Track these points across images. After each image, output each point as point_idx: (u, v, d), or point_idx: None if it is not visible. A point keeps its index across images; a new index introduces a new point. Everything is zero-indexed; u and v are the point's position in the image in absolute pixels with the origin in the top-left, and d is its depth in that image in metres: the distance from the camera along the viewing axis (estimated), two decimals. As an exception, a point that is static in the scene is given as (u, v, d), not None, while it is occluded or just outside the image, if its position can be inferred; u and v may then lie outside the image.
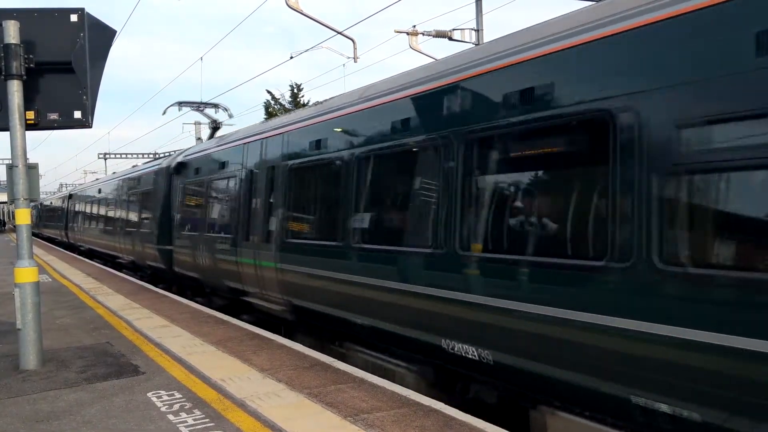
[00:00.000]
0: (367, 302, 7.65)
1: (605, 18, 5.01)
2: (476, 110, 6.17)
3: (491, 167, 6.06)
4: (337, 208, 8.34)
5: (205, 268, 13.23)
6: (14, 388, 6.97)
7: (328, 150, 8.81)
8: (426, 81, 6.97)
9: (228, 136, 13.94)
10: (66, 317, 11.58)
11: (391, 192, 7.75)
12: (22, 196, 7.63)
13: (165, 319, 10.91)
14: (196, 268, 13.84)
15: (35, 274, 7.75)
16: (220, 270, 12.35)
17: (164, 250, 15.91)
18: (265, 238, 10.41)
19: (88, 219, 28.57)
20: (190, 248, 14.12)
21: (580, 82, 5.10)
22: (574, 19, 5.39)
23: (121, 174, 24.06)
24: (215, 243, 12.57)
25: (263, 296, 10.69)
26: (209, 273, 13.04)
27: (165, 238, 15.91)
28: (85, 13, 7.79)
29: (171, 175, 15.99)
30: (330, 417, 5.64)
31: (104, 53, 8.09)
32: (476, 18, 18.50)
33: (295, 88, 44.76)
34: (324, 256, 8.56)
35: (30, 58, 7.50)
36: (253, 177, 11.23)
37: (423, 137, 6.85)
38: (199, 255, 13.43)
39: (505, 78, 5.85)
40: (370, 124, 7.87)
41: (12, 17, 7.42)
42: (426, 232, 6.66)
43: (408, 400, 6.05)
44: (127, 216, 20.65)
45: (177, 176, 15.62)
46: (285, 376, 7.00)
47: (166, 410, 5.98)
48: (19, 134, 7.50)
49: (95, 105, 8.03)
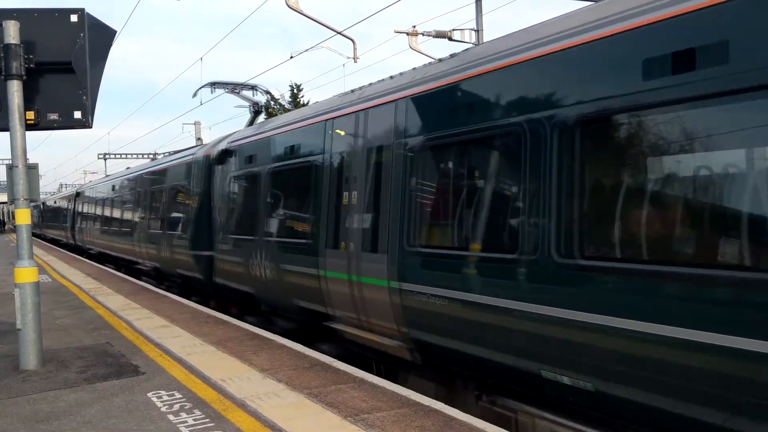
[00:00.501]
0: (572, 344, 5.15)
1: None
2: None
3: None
4: (524, 202, 5.64)
5: (262, 281, 10.67)
6: (14, 388, 6.97)
7: (498, 112, 6.03)
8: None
9: (285, 116, 11.47)
10: (66, 317, 11.57)
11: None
12: (22, 196, 7.63)
13: (165, 320, 10.91)
14: (248, 280, 11.27)
15: (35, 275, 7.74)
16: (289, 285, 9.78)
17: (201, 256, 13.35)
18: (371, 245, 7.74)
19: (100, 219, 25.68)
20: (239, 255, 11.50)
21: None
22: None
23: (140, 168, 21.09)
24: (281, 250, 10.02)
25: (363, 324, 8.14)
26: (270, 287, 10.49)
27: (202, 241, 13.26)
28: (85, 13, 7.80)
29: (212, 166, 13.27)
30: (330, 417, 5.64)
31: (104, 53, 8.09)
32: (476, 18, 18.50)
33: (295, 88, 44.82)
34: (488, 275, 5.99)
35: (30, 58, 7.50)
36: (345, 162, 8.50)
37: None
38: (254, 264, 10.84)
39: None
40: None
41: (12, 17, 7.42)
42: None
43: (408, 400, 6.05)
44: (149, 215, 17.87)
45: (220, 166, 12.84)
46: (285, 376, 7.00)
47: (166, 410, 5.98)
48: (19, 134, 7.50)
49: (95, 105, 8.03)
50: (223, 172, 12.75)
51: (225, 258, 12.25)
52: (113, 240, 22.73)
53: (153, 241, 17.12)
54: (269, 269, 10.34)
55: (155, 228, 16.98)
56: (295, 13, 14.75)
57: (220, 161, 12.87)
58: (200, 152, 14.37)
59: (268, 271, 10.40)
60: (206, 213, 13.33)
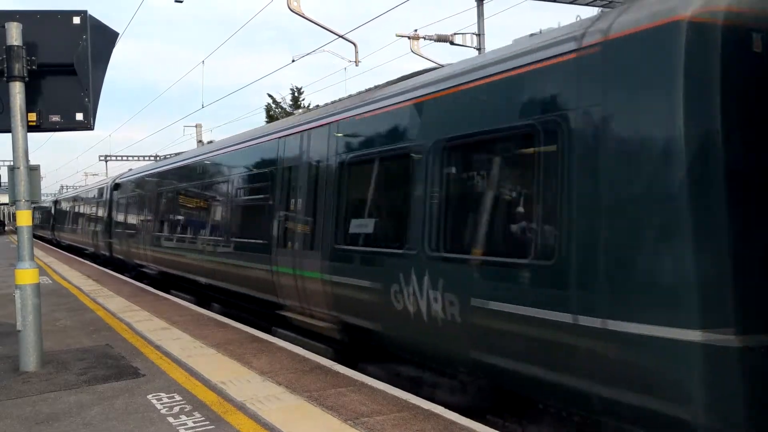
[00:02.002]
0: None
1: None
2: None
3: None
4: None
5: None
6: (14, 389, 6.97)
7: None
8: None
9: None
10: (66, 319, 11.57)
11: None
12: (23, 197, 7.64)
13: (165, 322, 10.90)
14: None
15: (36, 276, 7.75)
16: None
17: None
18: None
19: (163, 222, 16.73)
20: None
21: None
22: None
23: (259, 134, 11.84)
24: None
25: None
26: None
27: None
28: (88, 15, 7.81)
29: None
30: (330, 420, 5.63)
31: (106, 55, 8.11)
32: (477, 22, 18.54)
33: (296, 91, 44.85)
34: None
35: (32, 60, 7.52)
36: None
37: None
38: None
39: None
40: None
41: (15, 19, 7.44)
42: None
43: (408, 403, 6.05)
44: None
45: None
46: (285, 379, 6.99)
47: (166, 413, 5.97)
48: (20, 136, 7.51)
49: (97, 107, 8.05)
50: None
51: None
52: (197, 256, 13.75)
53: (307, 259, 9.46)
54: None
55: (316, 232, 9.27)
56: (296, 17, 14.77)
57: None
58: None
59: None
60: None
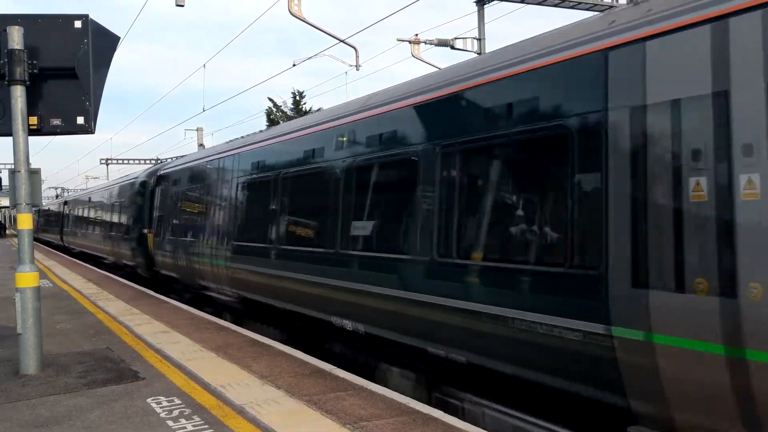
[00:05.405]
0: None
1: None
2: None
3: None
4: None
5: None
6: (14, 392, 6.98)
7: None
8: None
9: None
10: (66, 322, 11.58)
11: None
12: (24, 201, 7.65)
13: (165, 325, 10.90)
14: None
15: (36, 279, 7.76)
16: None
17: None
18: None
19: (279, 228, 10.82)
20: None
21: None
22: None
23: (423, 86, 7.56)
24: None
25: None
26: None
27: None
28: (89, 19, 7.84)
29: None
30: (329, 424, 5.63)
31: (107, 59, 8.13)
32: (478, 27, 18.57)
33: (297, 95, 44.92)
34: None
35: (33, 64, 7.53)
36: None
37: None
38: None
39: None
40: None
41: (16, 23, 7.46)
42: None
43: (407, 408, 6.05)
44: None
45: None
46: (284, 383, 7.00)
47: (165, 416, 5.98)
48: (21, 139, 7.52)
49: (98, 111, 8.06)
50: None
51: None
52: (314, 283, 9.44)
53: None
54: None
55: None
56: (296, 21, 14.80)
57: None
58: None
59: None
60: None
